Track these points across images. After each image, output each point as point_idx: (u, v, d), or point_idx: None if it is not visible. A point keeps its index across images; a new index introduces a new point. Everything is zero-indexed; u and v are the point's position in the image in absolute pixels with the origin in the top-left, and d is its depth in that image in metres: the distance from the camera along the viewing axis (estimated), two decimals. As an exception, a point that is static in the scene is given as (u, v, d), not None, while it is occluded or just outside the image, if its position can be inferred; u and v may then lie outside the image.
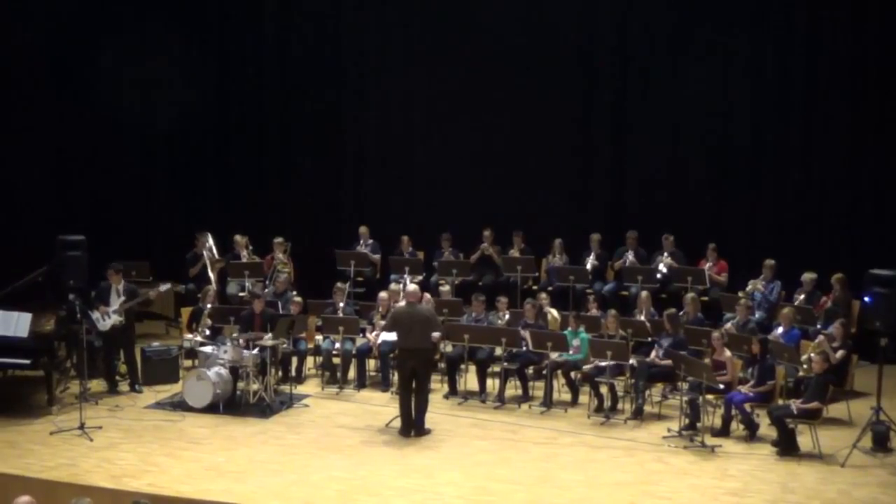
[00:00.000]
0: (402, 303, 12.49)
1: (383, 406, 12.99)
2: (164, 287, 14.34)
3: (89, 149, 18.23)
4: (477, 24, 16.92)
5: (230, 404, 12.79)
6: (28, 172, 17.76)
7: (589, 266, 15.72)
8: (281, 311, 14.06)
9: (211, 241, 16.07)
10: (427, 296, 13.89)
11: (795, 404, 11.28)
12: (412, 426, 11.95)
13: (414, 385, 12.00)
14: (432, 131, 17.46)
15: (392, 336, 13.32)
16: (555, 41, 16.64)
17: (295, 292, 15.03)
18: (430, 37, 17.31)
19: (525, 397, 13.28)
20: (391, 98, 17.69)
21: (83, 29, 17.94)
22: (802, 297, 14.07)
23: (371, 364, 14.18)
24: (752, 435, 11.78)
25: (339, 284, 14.70)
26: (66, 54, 17.89)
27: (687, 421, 11.88)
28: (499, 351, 13.35)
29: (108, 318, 13.36)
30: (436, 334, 12.14)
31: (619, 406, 12.77)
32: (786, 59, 15.71)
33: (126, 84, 18.23)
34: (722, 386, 11.92)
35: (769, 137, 15.87)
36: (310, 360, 14.56)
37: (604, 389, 12.77)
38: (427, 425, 12.04)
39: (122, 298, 13.48)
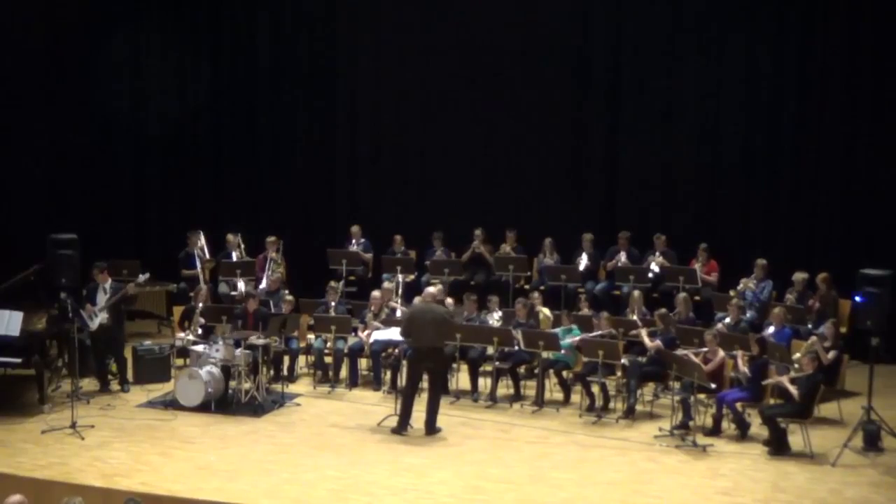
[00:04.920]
0: (417, 299, 12.55)
1: (375, 405, 12.99)
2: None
3: (82, 147, 18.22)
4: (470, 24, 16.90)
5: (222, 403, 12.77)
6: (20, 171, 17.71)
7: (581, 266, 15.73)
8: (273, 310, 14.05)
9: (203, 241, 16.04)
10: (449, 300, 13.95)
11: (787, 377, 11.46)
12: (407, 426, 11.94)
13: (428, 385, 12.05)
14: (425, 131, 17.44)
15: (384, 335, 13.35)
16: (548, 41, 16.63)
17: (287, 291, 15.02)
18: (423, 37, 17.28)
19: (517, 396, 13.30)
20: (384, 98, 17.65)
21: (77, 29, 17.90)
22: (793, 296, 14.10)
23: (363, 363, 14.16)
24: (743, 434, 11.81)
25: (331, 283, 14.71)
26: (59, 54, 17.85)
27: (679, 420, 11.91)
28: (491, 350, 13.35)
29: (95, 318, 13.31)
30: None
31: (611, 405, 12.78)
32: (778, 61, 15.72)
33: (119, 83, 18.19)
34: (713, 385, 11.95)
35: (760, 138, 15.89)
36: (302, 359, 14.54)
37: (595, 389, 12.79)
38: (418, 424, 12.03)
39: (108, 296, 13.42)
